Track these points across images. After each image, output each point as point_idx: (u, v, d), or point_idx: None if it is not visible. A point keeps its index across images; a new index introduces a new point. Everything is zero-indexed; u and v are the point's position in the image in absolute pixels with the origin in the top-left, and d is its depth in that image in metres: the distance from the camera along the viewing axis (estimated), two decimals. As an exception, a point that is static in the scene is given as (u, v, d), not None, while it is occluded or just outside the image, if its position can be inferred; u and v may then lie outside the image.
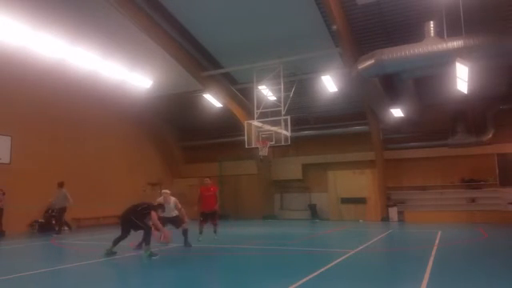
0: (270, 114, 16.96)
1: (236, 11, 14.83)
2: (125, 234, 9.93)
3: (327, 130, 21.00)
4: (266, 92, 17.82)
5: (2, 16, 12.42)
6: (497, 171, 18.56)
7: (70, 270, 8.26)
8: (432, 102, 18.78)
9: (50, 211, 16.70)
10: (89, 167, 18.87)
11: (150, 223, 9.99)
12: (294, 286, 6.21)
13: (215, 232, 12.78)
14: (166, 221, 11.20)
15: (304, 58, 16.33)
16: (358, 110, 19.74)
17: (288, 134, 15.95)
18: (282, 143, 16.23)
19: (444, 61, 12.71)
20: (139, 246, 10.53)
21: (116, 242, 9.82)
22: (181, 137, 25.33)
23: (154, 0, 14.77)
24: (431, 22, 13.13)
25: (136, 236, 10.05)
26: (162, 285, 7.05)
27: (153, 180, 23.47)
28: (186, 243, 11.06)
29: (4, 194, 14.83)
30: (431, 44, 12.67)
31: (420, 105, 17.79)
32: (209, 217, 12.72)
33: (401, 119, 17.59)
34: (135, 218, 9.80)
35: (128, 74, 17.56)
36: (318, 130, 21.28)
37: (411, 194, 19.89)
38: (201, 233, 12.51)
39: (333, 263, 8.20)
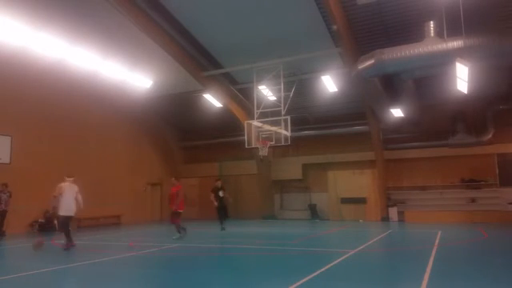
0: (270, 113, 16.96)
1: (236, 11, 14.83)
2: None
3: (327, 130, 21.00)
4: (266, 92, 17.83)
5: (2, 16, 12.42)
6: (497, 171, 18.55)
7: (70, 270, 8.26)
8: (432, 102, 18.77)
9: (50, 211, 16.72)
10: (89, 167, 18.86)
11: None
12: (294, 285, 6.21)
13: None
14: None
15: (304, 57, 16.34)
16: (358, 110, 19.73)
17: (288, 134, 15.95)
18: (282, 143, 16.23)
19: (444, 61, 12.70)
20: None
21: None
22: (181, 137, 25.34)
23: (153, 0, 14.78)
24: (431, 22, 13.12)
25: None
26: (161, 284, 7.05)
27: (153, 180, 23.50)
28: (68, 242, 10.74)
29: (10, 196, 14.80)
30: (431, 44, 12.66)
31: (420, 105, 17.78)
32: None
33: (401, 119, 17.58)
34: None
35: (128, 74, 17.57)
36: (318, 130, 21.27)
37: (411, 193, 19.88)
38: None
39: (333, 263, 8.20)
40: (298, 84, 18.00)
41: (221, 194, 15.20)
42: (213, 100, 19.32)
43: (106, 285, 7.26)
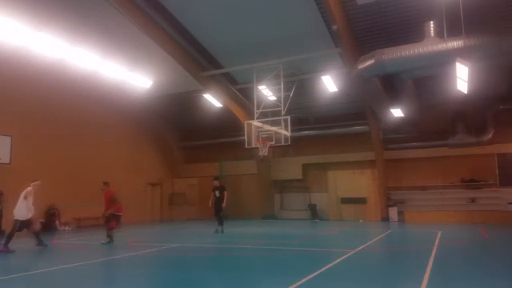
0: (270, 113, 16.97)
1: (236, 11, 14.83)
2: None
3: (327, 130, 21.01)
4: (266, 92, 17.83)
5: (2, 16, 12.42)
6: (497, 171, 18.55)
7: (70, 270, 8.25)
8: (432, 102, 18.78)
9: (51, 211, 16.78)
10: (89, 167, 18.87)
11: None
12: (294, 285, 6.20)
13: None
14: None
15: (304, 58, 16.34)
16: (358, 110, 19.74)
17: (288, 134, 15.95)
18: (282, 143, 16.23)
19: (444, 61, 12.71)
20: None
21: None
22: (181, 137, 25.34)
23: (153, 0, 14.77)
24: (431, 22, 13.14)
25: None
26: (161, 284, 7.05)
27: (153, 180, 23.50)
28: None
29: (2, 194, 14.77)
30: (431, 44, 12.67)
31: (420, 105, 17.79)
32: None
33: (401, 119, 17.59)
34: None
35: (128, 74, 17.56)
36: (318, 130, 21.28)
37: (411, 193, 19.88)
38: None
39: (333, 263, 8.19)
40: (298, 84, 18.00)
41: (217, 193, 14.77)
42: (213, 100, 19.32)
43: (106, 285, 7.26)
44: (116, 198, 12.29)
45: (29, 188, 10.92)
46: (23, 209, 10.66)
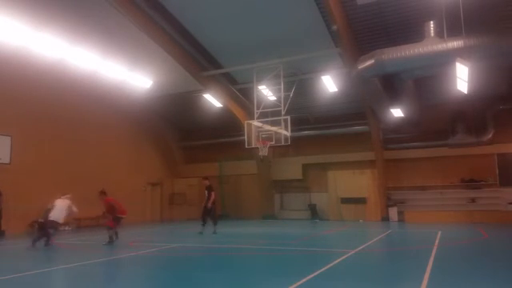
0: (270, 113, 16.97)
1: (236, 11, 14.83)
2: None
3: (327, 130, 21.01)
4: (266, 92, 17.84)
5: (2, 16, 12.42)
6: (497, 171, 18.56)
7: (70, 270, 8.25)
8: (432, 102, 18.78)
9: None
10: (89, 167, 18.88)
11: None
12: (294, 285, 6.20)
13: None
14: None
15: (304, 58, 16.34)
16: (358, 110, 19.74)
17: (288, 134, 15.96)
18: (282, 143, 16.24)
19: (444, 61, 12.70)
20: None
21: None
22: (181, 137, 25.34)
23: (153, 0, 14.77)
24: (431, 22, 13.13)
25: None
26: (161, 284, 7.05)
27: (153, 180, 23.51)
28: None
29: (1, 194, 14.78)
30: (431, 44, 12.66)
31: (420, 105, 17.79)
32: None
33: (401, 119, 17.58)
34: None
35: (128, 74, 17.56)
36: (318, 130, 21.28)
37: (411, 193, 19.89)
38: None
39: (333, 263, 8.19)
40: (298, 84, 18.01)
41: (206, 193, 14.49)
42: (213, 100, 19.33)
43: (107, 285, 7.26)
44: (114, 204, 12.21)
45: (68, 201, 11.89)
46: (58, 214, 11.59)
